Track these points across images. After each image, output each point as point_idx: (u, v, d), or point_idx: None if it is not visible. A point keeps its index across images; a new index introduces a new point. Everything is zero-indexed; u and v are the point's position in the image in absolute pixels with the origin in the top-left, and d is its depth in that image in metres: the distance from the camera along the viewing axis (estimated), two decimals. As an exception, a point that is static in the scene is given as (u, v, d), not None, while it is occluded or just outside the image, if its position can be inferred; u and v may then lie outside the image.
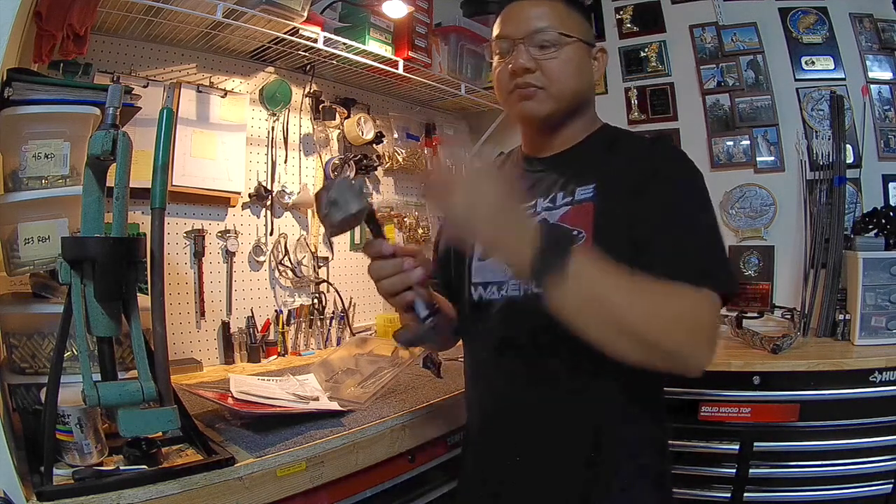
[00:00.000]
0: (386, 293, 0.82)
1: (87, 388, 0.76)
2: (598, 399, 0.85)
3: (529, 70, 0.88)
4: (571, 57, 0.89)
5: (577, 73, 0.90)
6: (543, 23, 0.88)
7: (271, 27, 1.59)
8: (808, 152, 2.16)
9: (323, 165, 2.02)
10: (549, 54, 0.88)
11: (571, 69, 0.89)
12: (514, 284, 0.90)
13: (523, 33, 0.88)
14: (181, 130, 1.64)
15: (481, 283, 0.94)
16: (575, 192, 0.88)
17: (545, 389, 0.87)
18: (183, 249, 1.69)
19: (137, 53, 1.59)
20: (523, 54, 0.88)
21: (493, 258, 0.83)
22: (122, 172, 0.80)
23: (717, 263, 0.78)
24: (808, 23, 2.19)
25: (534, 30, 0.88)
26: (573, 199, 0.88)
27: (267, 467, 0.94)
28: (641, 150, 0.89)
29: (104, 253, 0.79)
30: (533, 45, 0.88)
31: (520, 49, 0.88)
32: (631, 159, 0.87)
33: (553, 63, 0.88)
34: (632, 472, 0.86)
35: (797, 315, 2.03)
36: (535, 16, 0.89)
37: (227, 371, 1.61)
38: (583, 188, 0.88)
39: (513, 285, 0.90)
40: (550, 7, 0.89)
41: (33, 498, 0.75)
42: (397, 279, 0.80)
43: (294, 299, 1.94)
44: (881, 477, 1.62)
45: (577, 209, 0.87)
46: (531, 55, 0.88)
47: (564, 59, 0.88)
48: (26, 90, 0.94)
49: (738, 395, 1.67)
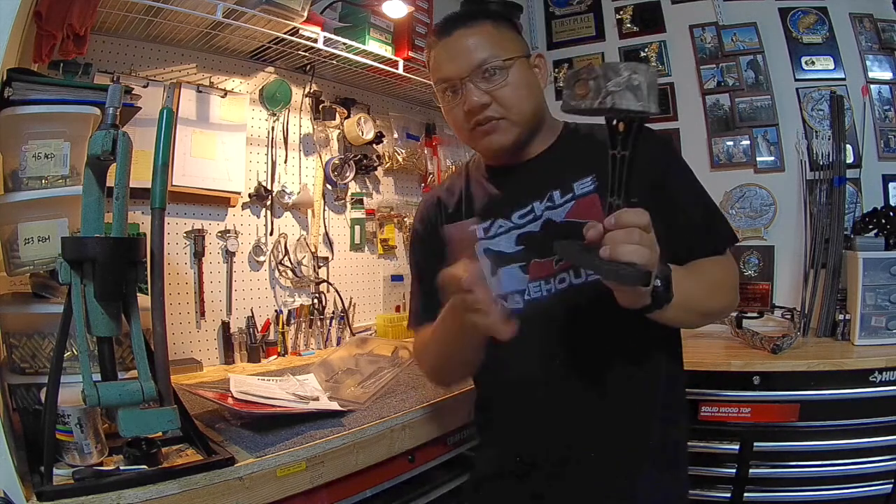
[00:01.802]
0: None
1: (87, 388, 0.76)
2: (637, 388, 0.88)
3: (485, 105, 0.87)
4: (519, 77, 0.88)
5: (530, 92, 0.90)
6: (483, 53, 0.86)
7: (271, 27, 1.59)
8: (808, 152, 2.16)
9: (323, 165, 2.02)
10: (498, 83, 0.87)
11: (524, 90, 0.89)
12: (536, 286, 0.89)
13: (467, 70, 0.86)
14: (181, 130, 1.64)
15: (500, 296, 0.91)
16: (574, 188, 0.89)
17: (588, 384, 0.87)
18: (183, 249, 1.69)
19: (137, 53, 1.59)
20: (474, 92, 0.86)
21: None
22: (122, 172, 0.80)
23: (728, 229, 0.95)
24: (808, 23, 2.19)
25: (476, 64, 0.86)
26: (574, 195, 0.89)
27: (267, 467, 0.94)
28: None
29: (104, 253, 0.78)
30: (479, 78, 0.86)
31: (468, 87, 0.87)
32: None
33: (505, 91, 0.87)
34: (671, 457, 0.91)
35: (797, 315, 2.04)
36: (472, 47, 0.87)
37: (227, 371, 1.61)
38: (581, 182, 0.89)
39: (534, 287, 0.90)
40: (481, 33, 0.88)
41: (33, 498, 0.75)
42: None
43: (294, 299, 1.94)
44: (881, 477, 1.62)
45: (581, 202, 0.88)
46: (481, 90, 0.86)
47: (514, 83, 0.87)
48: (26, 90, 0.93)
49: (738, 395, 1.67)
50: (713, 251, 0.90)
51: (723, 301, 0.90)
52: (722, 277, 0.90)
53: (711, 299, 0.87)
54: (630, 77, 0.62)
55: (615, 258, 0.64)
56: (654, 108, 0.62)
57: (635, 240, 0.64)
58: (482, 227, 0.96)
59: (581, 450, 0.88)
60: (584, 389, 0.88)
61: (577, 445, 0.88)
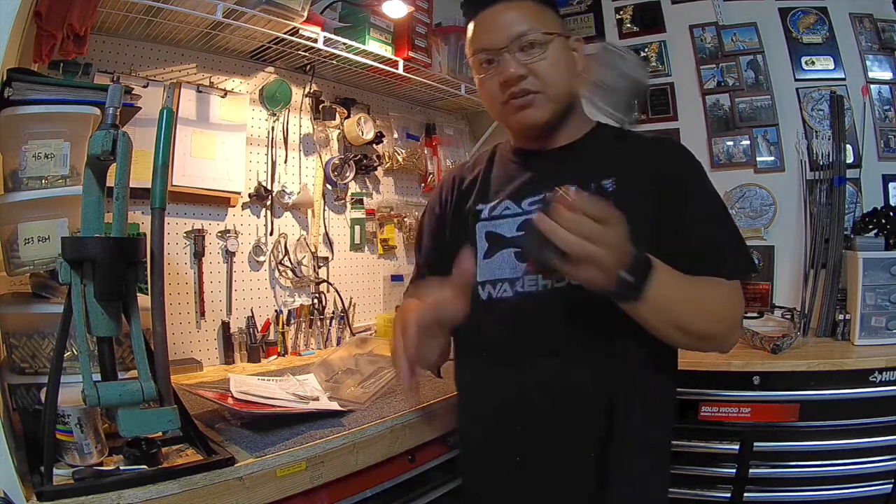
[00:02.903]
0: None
1: (87, 388, 0.76)
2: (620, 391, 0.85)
3: (522, 76, 0.85)
4: (558, 54, 0.87)
5: (568, 70, 0.89)
6: (523, 26, 0.85)
7: (271, 27, 1.58)
8: (808, 152, 2.16)
9: (323, 165, 2.02)
10: (537, 56, 0.85)
11: (562, 67, 0.87)
12: (531, 280, 0.87)
13: (505, 41, 0.85)
14: (181, 130, 1.64)
15: (490, 281, 0.91)
16: (591, 187, 0.88)
17: (567, 383, 0.85)
18: (183, 249, 1.69)
19: (137, 53, 1.59)
20: (511, 62, 0.85)
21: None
22: (122, 172, 0.80)
23: (744, 257, 0.88)
24: (808, 23, 2.19)
25: (515, 34, 0.85)
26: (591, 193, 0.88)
27: (267, 467, 0.94)
28: (658, 151, 0.92)
29: (104, 253, 0.78)
30: (517, 50, 0.85)
31: (505, 58, 0.85)
32: (646, 159, 0.89)
33: (543, 64, 0.86)
34: (643, 468, 0.88)
35: (797, 315, 2.04)
36: (512, 20, 0.86)
37: (227, 371, 1.61)
38: (599, 183, 0.88)
39: (529, 281, 0.88)
40: (523, 8, 0.86)
41: (33, 498, 0.75)
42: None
43: (294, 299, 1.94)
44: (881, 477, 1.62)
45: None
46: (519, 61, 0.85)
47: (553, 59, 0.86)
48: (26, 90, 0.93)
49: (738, 395, 1.67)
50: (716, 272, 0.83)
51: (708, 325, 0.82)
52: (717, 302, 0.83)
53: (693, 317, 0.80)
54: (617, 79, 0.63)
55: (549, 236, 0.66)
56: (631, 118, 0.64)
57: (575, 227, 0.65)
58: (488, 207, 0.95)
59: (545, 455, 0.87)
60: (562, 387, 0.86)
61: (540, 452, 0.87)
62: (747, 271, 0.88)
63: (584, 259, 0.66)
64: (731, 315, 0.86)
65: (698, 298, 0.81)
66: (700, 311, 0.81)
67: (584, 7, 2.56)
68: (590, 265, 0.67)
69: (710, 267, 0.83)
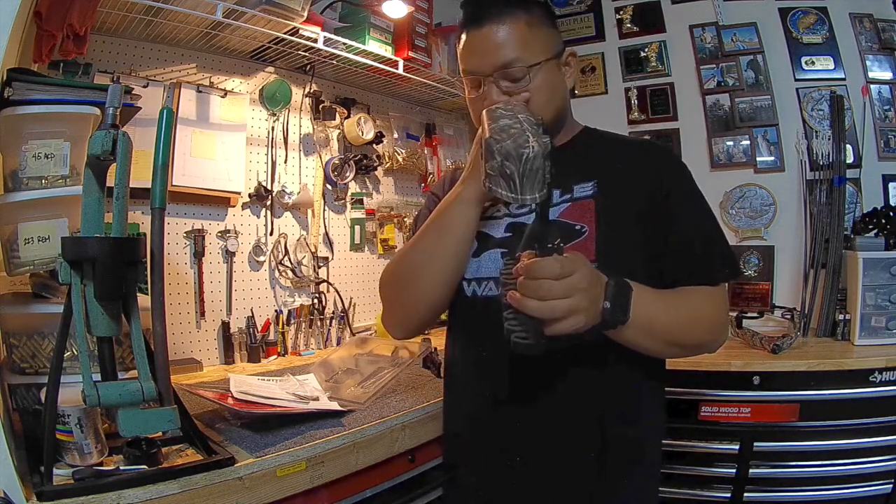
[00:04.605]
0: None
1: (87, 388, 0.76)
2: (607, 395, 0.86)
3: None
4: (544, 81, 0.86)
5: (552, 95, 0.89)
6: (510, 54, 0.84)
7: (271, 27, 1.59)
8: (808, 152, 2.16)
9: (323, 165, 2.02)
10: (522, 86, 0.85)
11: (546, 94, 0.87)
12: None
13: (490, 68, 0.85)
14: (181, 130, 1.64)
15: (475, 279, 0.91)
16: (573, 190, 0.89)
17: (553, 384, 0.86)
18: (183, 249, 1.69)
19: (137, 53, 1.59)
20: (495, 92, 0.85)
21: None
22: (122, 172, 0.80)
23: (729, 261, 0.88)
24: (808, 23, 2.19)
25: (501, 64, 0.84)
26: (572, 196, 0.89)
27: (267, 467, 0.94)
28: (642, 156, 0.92)
29: (104, 253, 0.78)
30: (502, 79, 0.85)
31: (490, 87, 0.85)
32: (631, 163, 0.90)
33: (527, 94, 0.85)
34: (636, 469, 0.88)
35: (797, 315, 2.04)
36: (499, 45, 0.84)
37: (227, 371, 1.61)
38: (581, 186, 0.89)
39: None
40: (513, 29, 0.84)
41: (33, 498, 0.76)
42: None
43: (294, 299, 1.94)
44: (881, 477, 1.62)
45: (576, 206, 0.88)
46: (503, 90, 0.85)
47: (538, 87, 0.85)
48: (26, 90, 0.94)
49: (738, 395, 1.67)
50: (704, 280, 0.84)
51: (699, 337, 0.84)
52: (705, 312, 0.84)
53: (683, 331, 0.81)
54: (502, 164, 0.64)
55: (521, 310, 0.66)
56: (532, 196, 0.64)
57: (542, 293, 0.65)
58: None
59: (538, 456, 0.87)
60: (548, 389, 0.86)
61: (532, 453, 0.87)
62: (734, 276, 0.90)
63: (563, 315, 0.67)
64: (720, 322, 0.88)
65: (685, 310, 0.82)
66: (690, 322, 0.82)
67: (584, 7, 2.56)
68: (571, 317, 0.68)
69: (699, 273, 0.85)
